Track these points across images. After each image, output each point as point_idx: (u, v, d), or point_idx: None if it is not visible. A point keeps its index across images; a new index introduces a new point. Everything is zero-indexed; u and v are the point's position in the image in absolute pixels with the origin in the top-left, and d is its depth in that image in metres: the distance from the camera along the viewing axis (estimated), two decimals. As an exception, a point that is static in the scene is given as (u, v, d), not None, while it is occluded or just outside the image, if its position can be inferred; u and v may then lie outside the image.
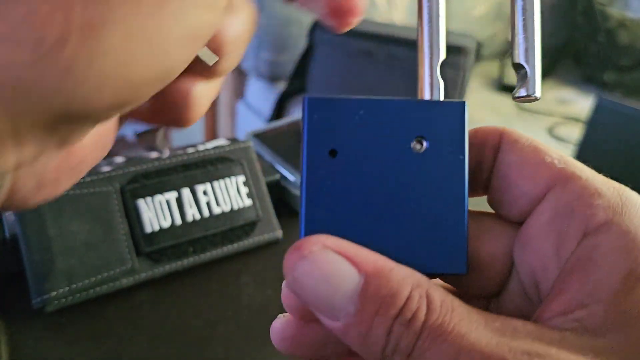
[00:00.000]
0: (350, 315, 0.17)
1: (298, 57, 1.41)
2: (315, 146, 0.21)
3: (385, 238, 0.20)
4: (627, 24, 1.53)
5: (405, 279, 0.18)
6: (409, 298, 0.17)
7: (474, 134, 0.23)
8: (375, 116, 0.21)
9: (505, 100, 1.52)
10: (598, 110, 0.86)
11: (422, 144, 0.21)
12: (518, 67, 0.22)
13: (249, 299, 0.41)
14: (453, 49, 1.26)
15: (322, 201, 0.20)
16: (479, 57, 1.31)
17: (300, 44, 1.44)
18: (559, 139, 1.33)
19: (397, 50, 1.27)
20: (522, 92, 0.21)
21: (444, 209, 0.20)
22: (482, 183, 0.23)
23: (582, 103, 1.51)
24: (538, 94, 0.21)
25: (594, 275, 0.18)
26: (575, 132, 1.26)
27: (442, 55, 0.23)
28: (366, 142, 0.21)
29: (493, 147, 0.22)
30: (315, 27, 1.32)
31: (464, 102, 0.22)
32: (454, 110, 0.22)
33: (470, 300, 0.21)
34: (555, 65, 1.74)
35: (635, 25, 1.53)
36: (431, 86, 0.22)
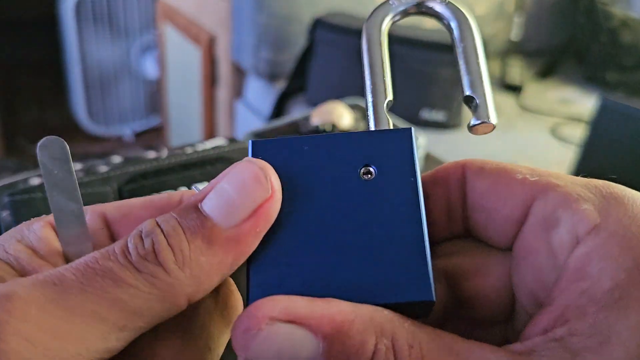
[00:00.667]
0: None
1: (298, 56, 1.40)
2: None
3: (342, 276, 0.19)
4: (630, 23, 1.53)
5: (367, 330, 0.16)
6: (374, 353, 0.16)
7: (434, 173, 0.22)
8: (319, 152, 0.20)
9: (507, 100, 1.51)
10: (601, 110, 0.86)
11: (370, 173, 0.20)
12: (469, 100, 0.22)
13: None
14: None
15: (271, 248, 0.19)
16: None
17: (299, 42, 1.44)
18: (562, 139, 1.32)
19: (397, 48, 1.26)
20: (475, 121, 0.21)
21: (401, 236, 0.19)
22: (459, 220, 0.21)
23: (585, 103, 1.51)
24: (492, 119, 0.21)
25: (580, 286, 0.17)
26: (578, 133, 1.25)
27: (389, 96, 0.22)
28: (312, 179, 0.20)
29: (458, 181, 0.21)
30: (315, 26, 1.32)
31: (410, 128, 0.21)
32: (400, 136, 0.21)
33: (488, 328, 0.21)
34: (557, 65, 1.74)
35: (637, 25, 1.53)
36: (378, 124, 0.22)
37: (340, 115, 0.53)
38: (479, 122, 0.21)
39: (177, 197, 0.22)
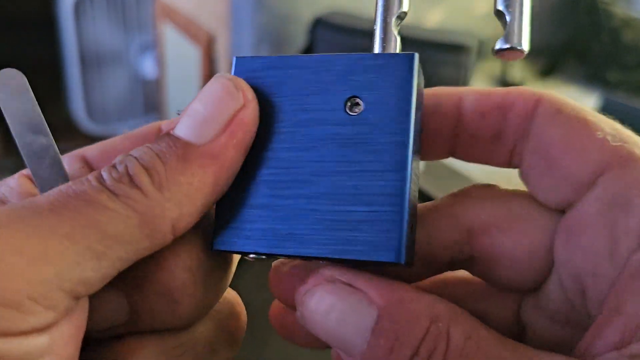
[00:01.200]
0: (364, 353, 0.16)
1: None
2: None
3: (309, 225, 0.17)
4: (631, 22, 1.52)
5: (423, 313, 0.16)
6: (426, 335, 0.15)
7: (487, 94, 0.19)
8: (305, 75, 0.18)
9: (506, 100, 1.51)
10: (603, 110, 0.85)
11: (358, 105, 0.17)
12: (499, 15, 0.19)
13: (249, 297, 0.40)
14: (454, 47, 1.25)
15: (238, 186, 0.18)
16: (481, 55, 1.30)
17: (299, 42, 1.43)
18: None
19: (398, 48, 1.26)
20: (502, 44, 0.18)
21: (381, 186, 0.17)
22: (502, 155, 0.19)
23: (586, 102, 1.51)
24: (524, 46, 0.19)
25: None
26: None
27: (405, 6, 0.20)
28: (293, 106, 0.18)
29: (524, 115, 0.18)
30: (316, 25, 1.32)
31: (413, 54, 0.18)
32: (400, 63, 0.18)
33: (501, 293, 0.19)
34: (558, 64, 1.73)
35: (639, 24, 1.52)
36: (383, 42, 0.19)
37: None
38: (506, 46, 0.18)
39: (156, 126, 0.21)
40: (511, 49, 0.18)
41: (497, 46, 0.19)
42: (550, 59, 1.74)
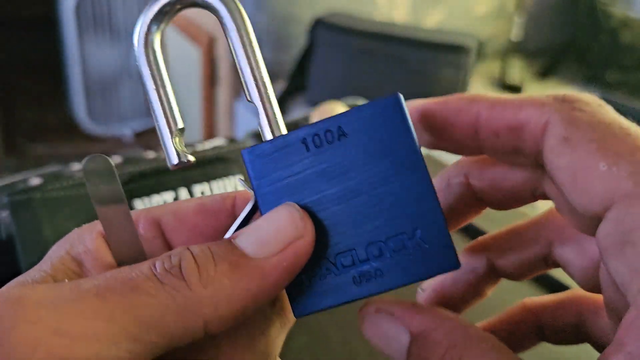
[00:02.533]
0: None
1: (298, 56, 1.40)
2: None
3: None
4: (630, 23, 1.53)
5: (443, 340, 0.18)
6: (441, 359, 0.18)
7: (500, 111, 0.19)
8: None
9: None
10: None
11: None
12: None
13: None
14: (454, 48, 1.25)
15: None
16: (480, 56, 1.31)
17: (300, 43, 1.44)
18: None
19: (397, 49, 1.26)
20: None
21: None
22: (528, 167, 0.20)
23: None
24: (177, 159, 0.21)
25: None
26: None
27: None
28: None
29: (535, 138, 0.19)
30: (316, 25, 1.32)
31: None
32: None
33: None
34: (558, 65, 1.73)
35: (638, 25, 1.53)
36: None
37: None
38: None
39: (230, 201, 0.22)
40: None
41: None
42: (550, 59, 1.74)
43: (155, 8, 0.21)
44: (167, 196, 0.41)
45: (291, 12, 1.43)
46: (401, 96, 0.20)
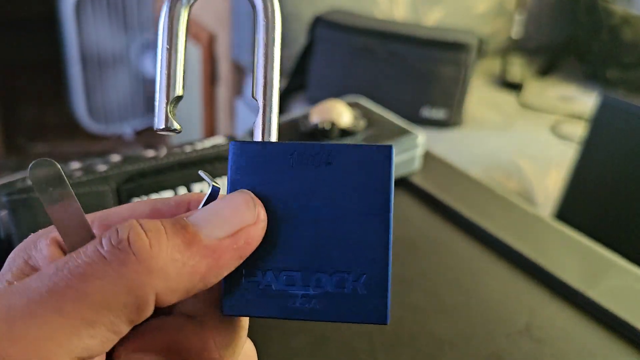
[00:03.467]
0: None
1: (298, 54, 1.40)
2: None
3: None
4: (631, 20, 1.53)
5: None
6: None
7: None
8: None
9: (507, 98, 1.51)
10: (602, 108, 0.85)
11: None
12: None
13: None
14: (455, 46, 1.25)
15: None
16: (481, 53, 1.30)
17: (300, 40, 1.44)
18: (562, 137, 1.32)
19: (397, 46, 1.26)
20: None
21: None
22: None
23: (585, 100, 1.51)
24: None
25: None
26: (578, 130, 1.25)
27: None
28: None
29: None
30: (316, 23, 1.32)
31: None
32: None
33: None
34: (558, 62, 1.73)
35: (638, 22, 1.52)
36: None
37: (340, 113, 0.53)
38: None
39: (185, 206, 0.22)
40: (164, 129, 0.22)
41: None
42: (550, 57, 1.74)
43: None
44: (167, 195, 0.41)
45: (291, 9, 1.43)
46: (393, 149, 0.20)
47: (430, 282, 0.43)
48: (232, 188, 0.21)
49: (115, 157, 0.43)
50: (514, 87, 1.55)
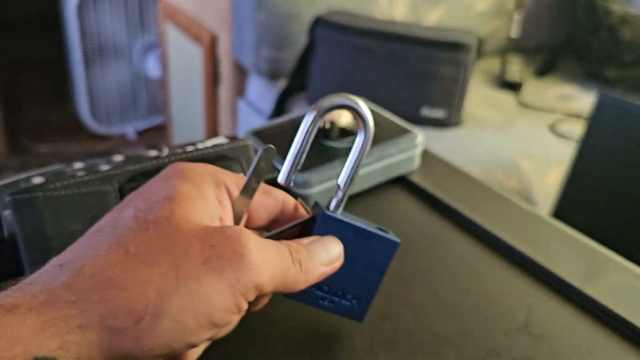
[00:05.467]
0: None
1: (299, 54, 1.41)
2: None
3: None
4: (630, 19, 1.53)
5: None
6: None
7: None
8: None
9: (506, 97, 1.51)
10: (600, 106, 0.86)
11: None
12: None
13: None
14: (454, 46, 1.25)
15: None
16: (481, 53, 1.31)
17: (300, 41, 1.44)
18: (561, 136, 1.33)
19: (397, 47, 1.27)
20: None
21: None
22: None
23: (584, 99, 1.51)
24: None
25: None
26: (577, 129, 1.25)
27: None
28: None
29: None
30: (316, 24, 1.32)
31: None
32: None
33: None
34: (557, 62, 1.73)
35: (637, 21, 1.52)
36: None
37: (340, 113, 0.54)
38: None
39: (280, 202, 0.34)
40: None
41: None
42: (549, 56, 1.74)
43: (319, 111, 0.32)
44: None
45: (291, 10, 1.43)
46: (399, 244, 0.35)
47: (429, 280, 0.43)
48: (317, 231, 0.33)
49: (118, 157, 0.43)
50: (513, 86, 1.56)
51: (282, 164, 0.51)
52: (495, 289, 0.43)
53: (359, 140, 0.32)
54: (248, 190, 0.32)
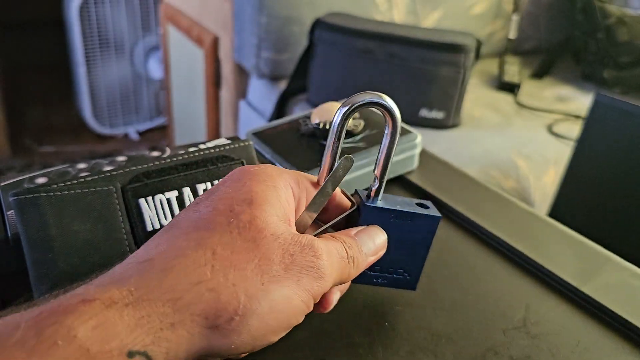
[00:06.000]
0: None
1: (299, 56, 1.41)
2: None
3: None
4: (627, 20, 1.53)
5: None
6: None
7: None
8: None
9: (504, 98, 1.52)
10: (596, 106, 0.86)
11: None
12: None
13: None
14: (453, 48, 1.26)
15: None
16: (479, 55, 1.31)
17: (301, 43, 1.44)
18: (559, 136, 1.33)
19: (397, 49, 1.27)
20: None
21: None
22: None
23: (582, 100, 1.51)
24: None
25: None
26: (575, 129, 1.26)
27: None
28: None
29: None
30: (316, 26, 1.33)
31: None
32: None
33: None
34: (555, 63, 1.74)
35: (634, 22, 1.53)
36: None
37: (340, 114, 0.54)
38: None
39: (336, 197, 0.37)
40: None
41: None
42: (547, 57, 1.75)
43: (350, 106, 0.34)
44: (171, 195, 0.42)
45: (291, 12, 1.44)
46: (440, 218, 0.38)
47: (428, 279, 0.43)
48: (363, 217, 0.36)
49: (121, 158, 0.44)
50: (511, 87, 1.56)
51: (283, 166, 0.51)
52: (493, 288, 0.44)
53: (387, 133, 0.34)
54: (323, 195, 0.35)
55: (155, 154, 0.44)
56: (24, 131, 2.52)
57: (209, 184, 0.43)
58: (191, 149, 0.44)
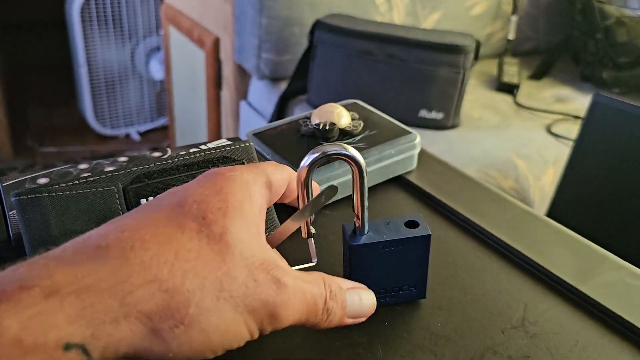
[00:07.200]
0: None
1: (299, 58, 1.41)
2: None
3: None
4: (626, 21, 1.53)
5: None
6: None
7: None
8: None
9: (503, 99, 1.52)
10: (595, 107, 0.86)
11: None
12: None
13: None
14: (452, 49, 1.26)
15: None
16: (478, 56, 1.31)
17: (301, 44, 1.45)
18: (558, 136, 1.33)
19: (396, 50, 1.27)
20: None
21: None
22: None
23: (581, 101, 1.51)
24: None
25: None
26: (574, 130, 1.26)
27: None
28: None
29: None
30: (315, 27, 1.33)
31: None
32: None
33: None
34: (554, 63, 1.74)
35: (633, 23, 1.53)
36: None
37: (340, 115, 0.54)
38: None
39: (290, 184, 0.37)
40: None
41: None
42: (546, 58, 1.75)
43: (312, 159, 0.35)
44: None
45: (292, 13, 1.44)
46: (430, 235, 0.38)
47: (427, 279, 0.44)
48: (354, 264, 0.38)
49: (122, 158, 0.44)
50: (510, 88, 1.56)
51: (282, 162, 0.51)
52: (492, 287, 0.44)
53: (355, 179, 0.35)
54: (299, 218, 0.34)
55: (157, 154, 0.45)
56: (26, 131, 2.52)
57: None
58: (192, 150, 0.45)
